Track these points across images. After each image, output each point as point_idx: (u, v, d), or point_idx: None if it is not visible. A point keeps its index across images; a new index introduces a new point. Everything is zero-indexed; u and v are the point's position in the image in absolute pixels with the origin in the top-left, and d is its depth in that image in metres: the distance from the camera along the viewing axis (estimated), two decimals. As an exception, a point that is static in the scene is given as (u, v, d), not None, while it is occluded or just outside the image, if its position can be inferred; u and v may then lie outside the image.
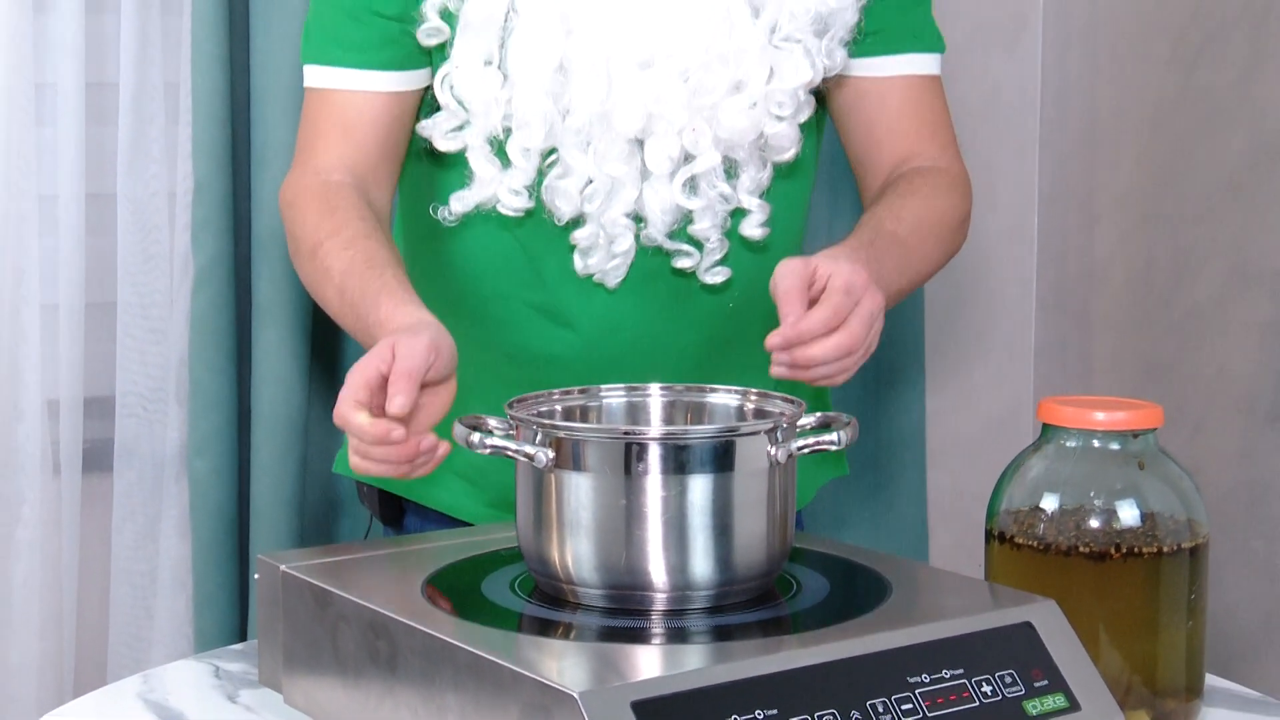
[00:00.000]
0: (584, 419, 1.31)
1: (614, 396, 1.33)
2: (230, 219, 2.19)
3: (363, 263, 1.46)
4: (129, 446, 2.24)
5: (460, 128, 1.55)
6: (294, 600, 1.24)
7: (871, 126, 1.64)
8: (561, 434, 1.18)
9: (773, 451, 1.18)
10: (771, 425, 1.19)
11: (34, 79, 2.14)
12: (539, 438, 1.18)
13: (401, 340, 1.27)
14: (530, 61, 1.50)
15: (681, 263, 1.57)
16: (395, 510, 1.71)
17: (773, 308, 1.42)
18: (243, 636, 2.22)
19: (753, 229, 1.58)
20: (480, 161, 1.55)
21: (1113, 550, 1.25)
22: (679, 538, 1.16)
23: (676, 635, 1.13)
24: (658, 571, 1.16)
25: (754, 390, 1.31)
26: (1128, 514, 1.26)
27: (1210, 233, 2.38)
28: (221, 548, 2.21)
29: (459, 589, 1.22)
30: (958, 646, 1.11)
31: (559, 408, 1.30)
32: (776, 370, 1.29)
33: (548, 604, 1.18)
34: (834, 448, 1.20)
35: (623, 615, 1.16)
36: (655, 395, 1.34)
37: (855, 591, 1.22)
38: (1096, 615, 1.24)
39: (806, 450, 1.20)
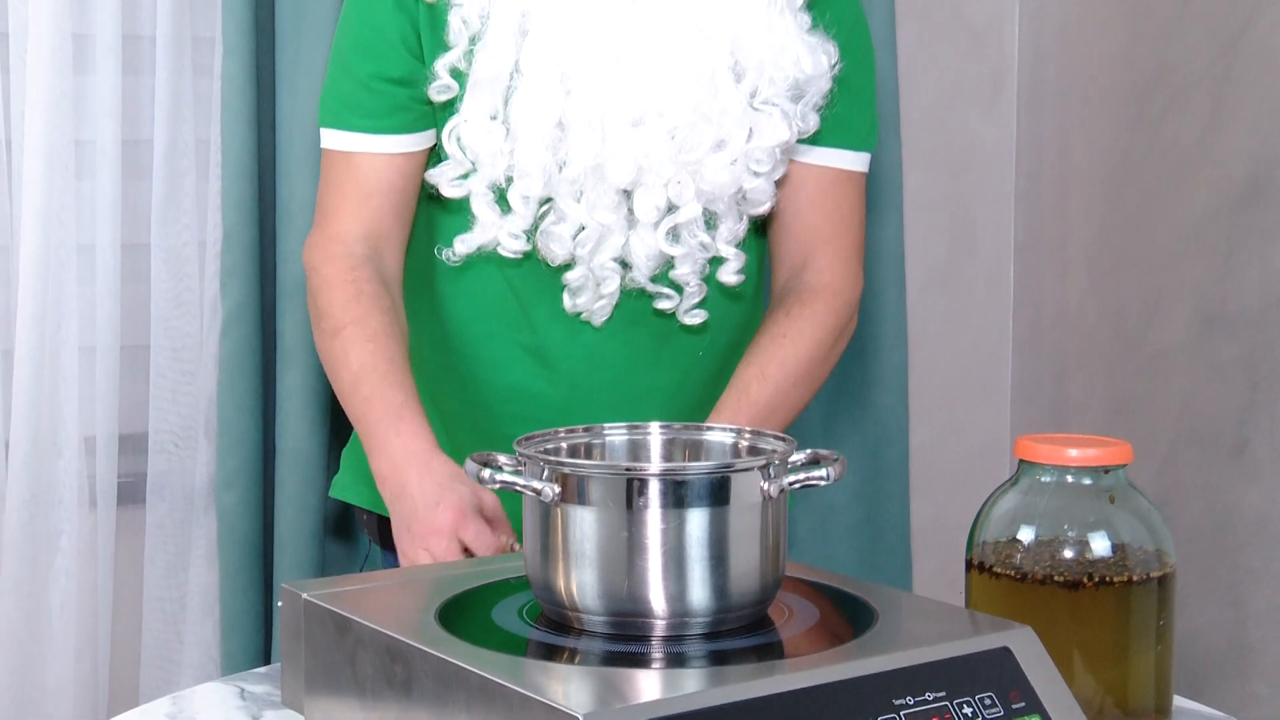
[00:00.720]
0: (588, 456, 1.30)
1: (616, 435, 1.33)
2: (256, 267, 2.19)
3: (384, 362, 1.53)
4: (161, 481, 2.24)
5: (465, 176, 1.56)
6: (315, 626, 1.24)
7: (783, 211, 1.65)
8: (567, 470, 1.17)
9: (765, 486, 1.18)
10: (764, 462, 1.19)
11: (74, 135, 2.14)
12: (545, 473, 1.18)
13: (473, 522, 1.45)
14: (532, 118, 1.51)
15: (662, 304, 1.59)
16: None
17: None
18: (266, 660, 2.21)
19: (729, 275, 1.60)
20: (483, 207, 1.56)
21: (1086, 579, 1.24)
22: (678, 568, 1.15)
23: (676, 660, 1.12)
24: (658, 599, 1.15)
25: (748, 429, 1.31)
26: (1099, 545, 1.26)
27: (1176, 279, 2.39)
28: (247, 576, 2.21)
29: (470, 616, 1.21)
30: (940, 670, 1.11)
31: (564, 445, 1.29)
32: None
33: (554, 630, 1.18)
34: (823, 483, 1.20)
35: (625, 641, 1.15)
36: (655, 433, 1.33)
37: (844, 618, 1.21)
38: (1071, 641, 1.24)
39: (797, 485, 1.20)
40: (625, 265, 1.56)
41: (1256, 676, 2.27)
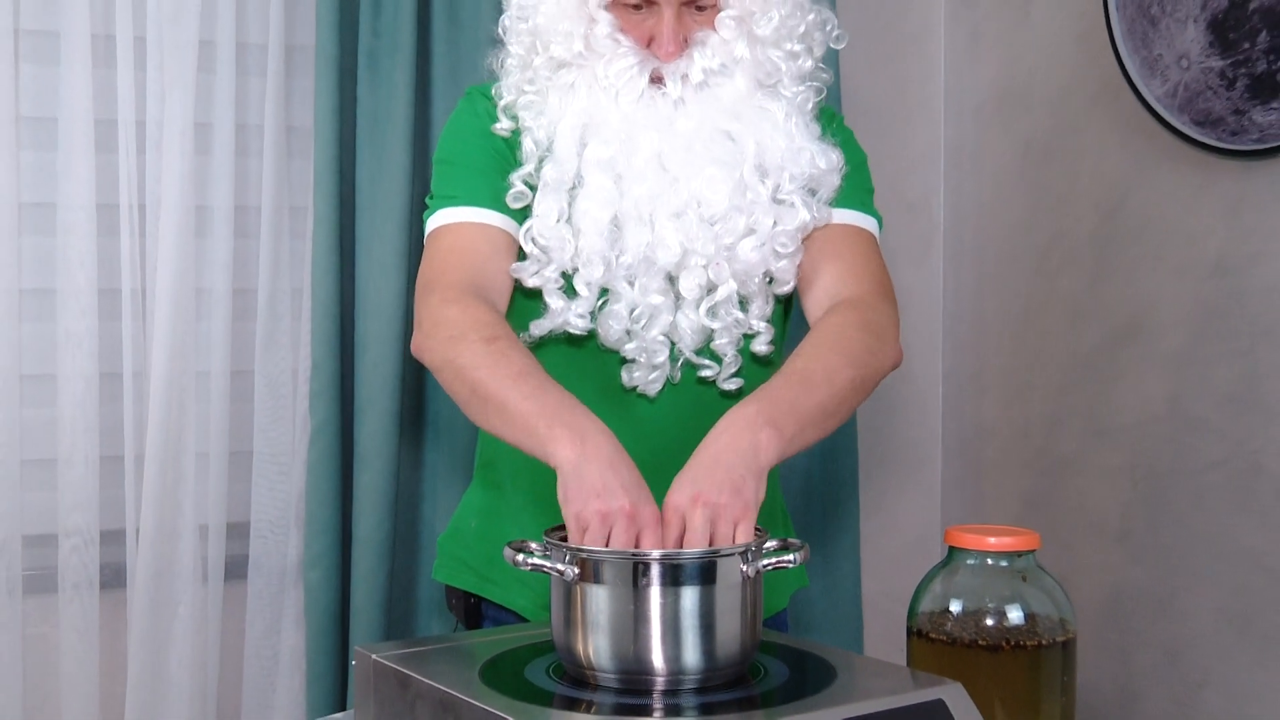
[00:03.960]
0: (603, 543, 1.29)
1: None
2: (338, 391, 2.19)
3: (541, 370, 1.36)
4: (259, 561, 2.23)
5: (539, 269, 1.50)
6: (382, 681, 1.22)
7: (811, 259, 1.55)
8: (584, 555, 1.17)
9: (745, 569, 1.17)
10: (744, 549, 1.18)
11: (195, 285, 2.16)
12: (567, 558, 1.17)
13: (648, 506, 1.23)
14: (592, 216, 1.47)
15: (704, 374, 1.52)
16: (476, 616, 1.65)
17: None
18: (343, 707, 2.19)
19: (761, 346, 1.54)
20: (553, 295, 1.49)
21: (1004, 643, 1.23)
22: (674, 635, 1.14)
23: (672, 710, 1.11)
24: (658, 661, 1.14)
25: None
26: (1014, 615, 1.24)
27: (1071, 400, 2.39)
28: (328, 639, 2.19)
29: (507, 674, 1.20)
30: (887, 719, 1.10)
31: None
32: None
33: (574, 685, 1.17)
34: (791, 565, 1.19)
35: (631, 694, 1.14)
36: None
37: (808, 676, 1.20)
38: (993, 694, 1.22)
39: (770, 567, 1.19)
40: (672, 341, 1.51)
41: (1143, 718, 2.24)
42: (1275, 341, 2.01)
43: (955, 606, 1.26)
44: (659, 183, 1.47)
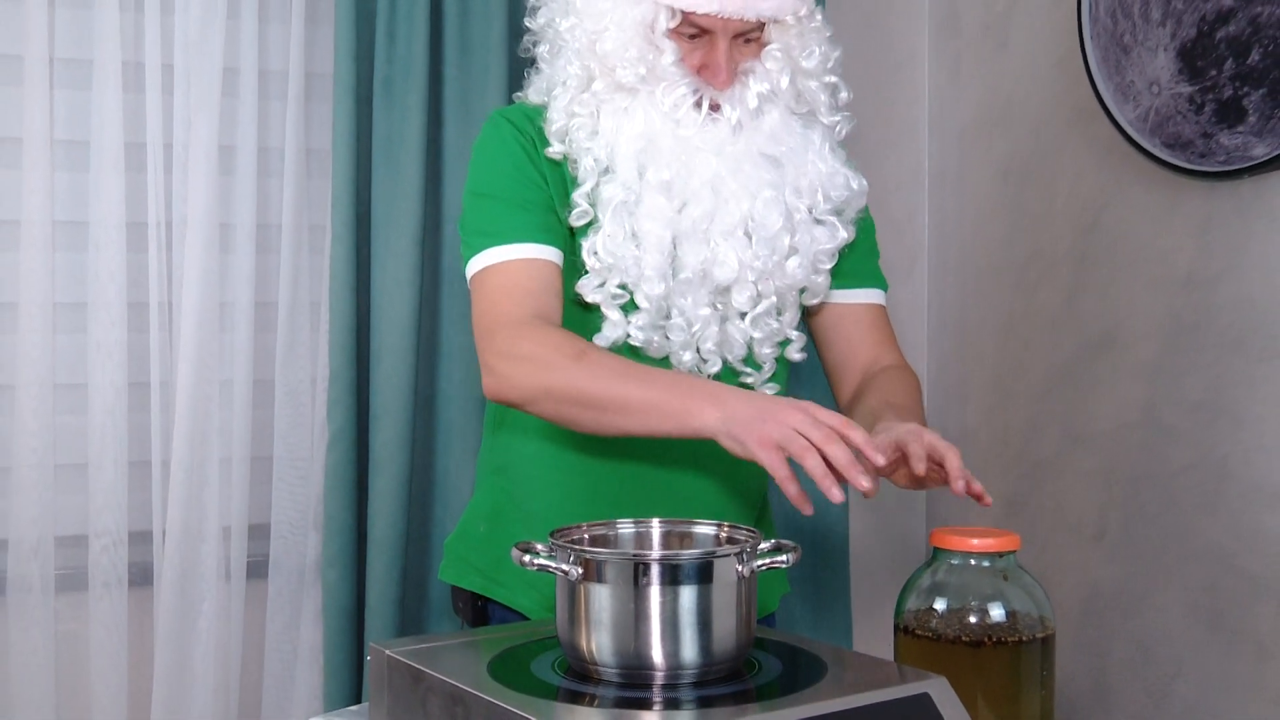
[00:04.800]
0: (605, 545, 1.29)
1: (626, 528, 1.32)
2: (354, 400, 2.19)
3: (629, 360, 1.41)
4: (279, 561, 2.23)
5: (601, 284, 1.49)
6: (395, 675, 1.22)
7: (850, 338, 1.63)
8: (588, 556, 1.16)
9: (740, 569, 1.17)
10: (739, 549, 1.17)
11: (219, 299, 2.16)
12: (572, 558, 1.17)
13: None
14: (653, 233, 1.47)
15: (746, 379, 1.54)
16: (482, 616, 1.64)
17: None
18: (358, 700, 2.19)
19: (795, 353, 1.57)
20: (612, 309, 1.49)
21: (986, 639, 1.23)
22: (673, 632, 1.14)
23: (672, 703, 1.10)
24: (657, 656, 1.13)
25: (726, 523, 1.30)
26: (996, 613, 1.24)
27: (1049, 408, 2.38)
28: (344, 635, 2.18)
29: (514, 668, 1.19)
30: (875, 711, 1.09)
31: (587, 536, 1.28)
32: (959, 486, 1.32)
33: (578, 679, 1.16)
34: (784, 565, 1.19)
35: (632, 688, 1.13)
36: (656, 527, 1.32)
37: (800, 670, 1.19)
38: (975, 687, 1.22)
39: (764, 567, 1.18)
40: (721, 349, 1.52)
41: (1116, 710, 2.23)
42: (1242, 352, 2.01)
43: (940, 604, 1.26)
44: (713, 203, 1.48)
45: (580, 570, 1.16)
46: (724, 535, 1.27)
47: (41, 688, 2.07)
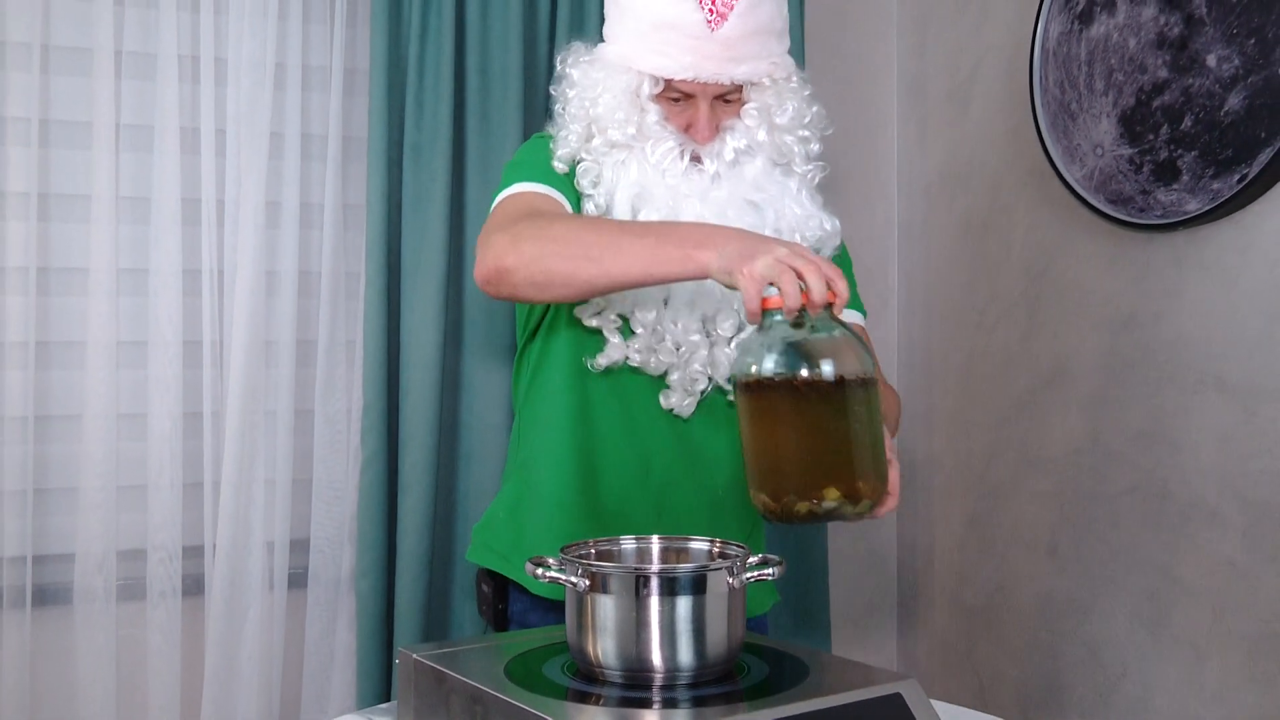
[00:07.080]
0: (609, 559, 1.29)
1: (628, 544, 1.32)
2: (385, 428, 2.19)
3: (616, 220, 1.40)
4: (317, 572, 2.22)
5: (600, 311, 1.52)
6: (422, 677, 1.22)
7: None
8: (594, 569, 1.17)
9: (731, 581, 1.17)
10: (730, 564, 1.18)
11: (265, 338, 2.16)
12: (580, 572, 1.17)
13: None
14: None
15: (731, 397, 1.53)
16: (502, 592, 1.62)
17: None
18: (388, 698, 2.18)
19: None
20: (612, 333, 1.51)
21: (806, 383, 1.17)
22: (670, 638, 1.13)
23: (669, 703, 1.10)
24: (656, 660, 1.13)
25: (718, 539, 1.30)
26: (819, 364, 1.18)
27: (1006, 435, 2.39)
28: (376, 640, 2.18)
29: (528, 671, 1.19)
30: (851, 710, 1.09)
31: (594, 551, 1.29)
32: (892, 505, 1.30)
33: (585, 681, 1.16)
34: (771, 577, 1.19)
35: (634, 689, 1.13)
36: (655, 543, 1.32)
37: (785, 672, 1.20)
38: (805, 432, 1.18)
39: (752, 579, 1.18)
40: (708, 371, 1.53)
41: (1069, 708, 2.23)
42: (1177, 384, 2.02)
43: (769, 362, 1.20)
44: None
45: (587, 582, 1.16)
46: (716, 550, 1.28)
47: (105, 686, 2.07)
